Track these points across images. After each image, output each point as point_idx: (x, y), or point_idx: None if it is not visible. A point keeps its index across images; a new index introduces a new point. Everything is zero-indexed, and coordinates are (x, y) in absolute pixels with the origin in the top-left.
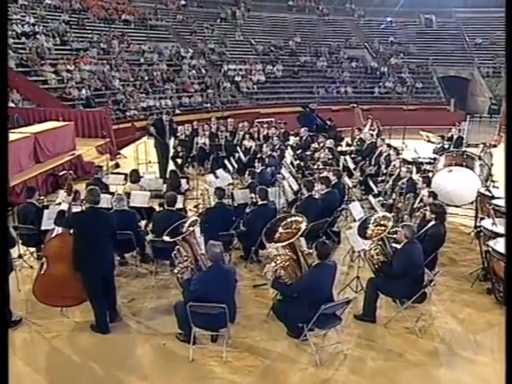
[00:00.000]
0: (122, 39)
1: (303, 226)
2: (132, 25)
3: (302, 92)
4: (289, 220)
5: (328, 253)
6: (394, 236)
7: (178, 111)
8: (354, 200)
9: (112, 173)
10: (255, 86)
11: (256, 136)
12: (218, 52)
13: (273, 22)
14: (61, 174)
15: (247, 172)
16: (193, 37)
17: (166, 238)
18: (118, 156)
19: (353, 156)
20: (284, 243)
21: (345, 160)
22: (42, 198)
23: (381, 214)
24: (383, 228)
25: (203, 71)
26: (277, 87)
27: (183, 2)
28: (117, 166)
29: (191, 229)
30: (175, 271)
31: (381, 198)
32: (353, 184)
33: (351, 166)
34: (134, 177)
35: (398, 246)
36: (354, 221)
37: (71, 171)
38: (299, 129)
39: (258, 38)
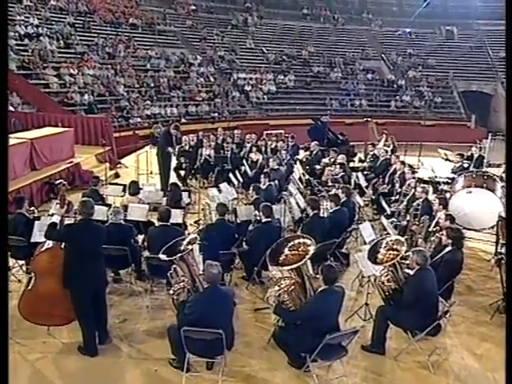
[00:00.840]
0: (128, 44)
1: (311, 249)
2: (139, 29)
3: (314, 104)
4: (296, 242)
5: (335, 277)
6: (407, 262)
7: (183, 120)
8: (364, 220)
9: (110, 183)
10: (265, 97)
11: (263, 149)
12: (228, 60)
13: (286, 30)
14: (57, 182)
15: (251, 187)
16: (202, 43)
17: (162, 257)
18: (118, 165)
19: (365, 173)
20: (290, 267)
21: (356, 177)
22: (32, 208)
23: (393, 238)
24: (395, 253)
25: (211, 79)
26: (288, 98)
27: (193, 7)
28: (116, 175)
29: (189, 247)
30: (171, 292)
31: (394, 220)
32: (364, 203)
33: (363, 183)
34: (133, 189)
35: (411, 273)
36: (365, 243)
37: (66, 181)
38: (309, 142)
39: (270, 46)
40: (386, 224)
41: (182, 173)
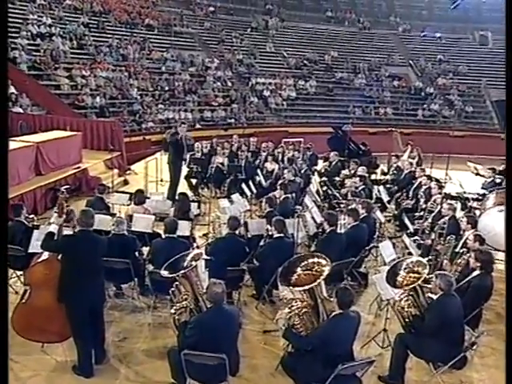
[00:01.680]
0: (143, 45)
1: (326, 269)
2: (155, 30)
3: (336, 111)
4: (310, 261)
5: (350, 301)
6: (430, 286)
7: (198, 125)
8: (385, 238)
9: (116, 191)
10: (285, 103)
11: (280, 158)
12: (247, 64)
13: (308, 33)
14: (62, 188)
15: (264, 199)
16: (220, 46)
17: (164, 273)
18: (127, 172)
19: (388, 186)
20: (302, 288)
21: (378, 191)
22: (31, 216)
23: (414, 259)
24: (416, 276)
25: (229, 84)
26: (308, 105)
27: (212, 9)
28: (125, 183)
29: (193, 264)
30: (172, 311)
31: (417, 238)
32: (386, 219)
33: (385, 198)
34: (139, 198)
35: (435, 297)
36: (384, 263)
37: (72, 187)
38: (329, 152)
39: (291, 50)
40: (408, 243)
41: (194, 181)
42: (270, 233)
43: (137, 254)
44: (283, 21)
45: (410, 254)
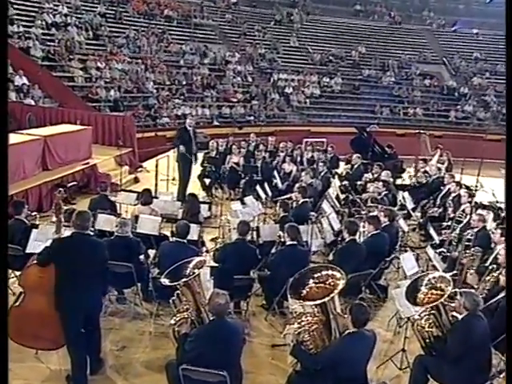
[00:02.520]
0: (161, 37)
1: (341, 283)
2: (174, 22)
3: (362, 111)
4: (324, 273)
5: (366, 319)
6: (454, 304)
7: (216, 122)
8: (407, 248)
9: (123, 190)
10: (308, 100)
11: (299, 159)
12: (269, 58)
13: (335, 27)
14: (69, 185)
15: (278, 203)
16: (241, 39)
17: (165, 281)
18: (139, 169)
19: (413, 193)
20: (313, 302)
21: (403, 197)
22: (33, 213)
23: (437, 274)
24: (439, 293)
25: (249, 79)
26: (333, 103)
27: (234, 0)
28: (136, 180)
29: (196, 272)
30: (172, 322)
31: (443, 250)
32: (411, 227)
33: (409, 205)
34: (145, 198)
35: (459, 317)
36: (405, 277)
37: (80, 184)
38: (352, 155)
39: (316, 45)
40: (431, 255)
41: (207, 181)
42: (283, 239)
43: (142, 257)
44: (308, 14)
45: (434, 267)
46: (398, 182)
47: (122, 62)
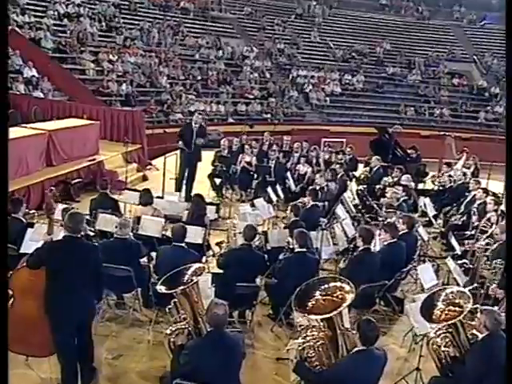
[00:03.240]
0: (176, 30)
1: (350, 297)
2: (191, 14)
3: (385, 110)
4: (331, 285)
5: (375, 337)
6: (474, 323)
7: (231, 119)
8: (426, 259)
9: (127, 189)
10: (328, 99)
11: (315, 160)
12: (288, 54)
13: (358, 22)
14: (73, 182)
15: (289, 207)
16: (260, 34)
17: (161, 288)
18: (148, 167)
19: (436, 199)
20: (320, 317)
21: (424, 203)
22: (32, 211)
23: (455, 289)
24: (458, 310)
25: (267, 75)
26: (354, 102)
27: None
28: (144, 179)
29: (194, 279)
30: (167, 332)
31: (465, 261)
32: (432, 235)
33: (431, 212)
34: (145, 198)
35: (479, 336)
36: (423, 290)
37: (85, 181)
38: (371, 157)
39: (338, 40)
40: (452, 267)
41: (218, 181)
42: (292, 246)
43: (145, 260)
44: (331, 8)
45: (455, 280)
46: (421, 186)
47: (135, 55)
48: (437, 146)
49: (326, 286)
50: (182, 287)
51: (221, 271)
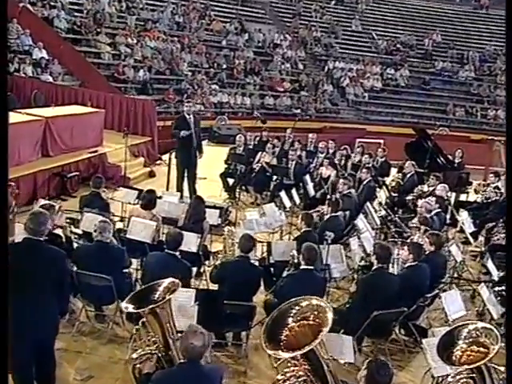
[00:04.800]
0: (203, 13)
1: (329, 316)
2: None
3: (430, 110)
4: (304, 304)
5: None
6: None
7: (256, 113)
8: (458, 284)
9: (123, 186)
10: (366, 95)
11: (343, 163)
12: (325, 44)
13: (406, 11)
14: (70, 175)
15: (300, 216)
16: (295, 20)
17: (127, 307)
18: (157, 162)
19: (478, 213)
20: (293, 354)
21: (463, 221)
22: (11, 207)
23: (480, 325)
24: (482, 351)
25: (300, 66)
26: (396, 99)
27: None
28: (151, 175)
29: (167, 297)
30: (133, 356)
31: (504, 289)
32: (471, 255)
33: (469, 228)
34: (146, 200)
35: None
36: (446, 322)
37: (84, 174)
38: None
39: (382, 30)
40: (485, 296)
41: (231, 182)
42: (296, 261)
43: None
44: None
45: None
46: (463, 198)
47: (156, 39)
48: (486, 151)
49: (298, 308)
50: (150, 306)
51: (206, 287)
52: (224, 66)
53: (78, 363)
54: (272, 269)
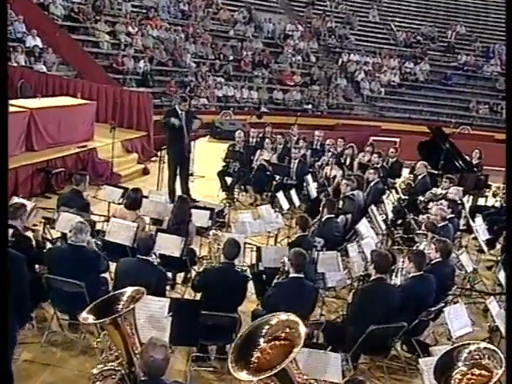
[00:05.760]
0: (209, 1)
1: (302, 330)
2: None
3: (452, 106)
4: (274, 322)
5: None
6: None
7: (264, 108)
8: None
9: (108, 184)
10: (383, 90)
11: (349, 162)
12: (339, 35)
13: (428, 0)
14: (55, 171)
15: (296, 219)
16: (308, 10)
17: (87, 318)
18: (153, 158)
19: (496, 218)
20: (263, 376)
21: (476, 228)
22: None
23: (482, 346)
24: (484, 374)
25: (312, 59)
26: (415, 95)
27: None
28: (145, 172)
29: (131, 306)
30: (93, 371)
31: None
32: (486, 265)
33: (483, 235)
34: (131, 200)
35: None
36: (449, 339)
37: (72, 171)
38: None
39: (402, 21)
40: (494, 312)
41: (229, 181)
42: (286, 268)
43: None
44: None
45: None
46: (481, 201)
47: (159, 28)
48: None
49: (268, 326)
50: (110, 317)
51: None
52: (231, 58)
53: (44, 376)
54: (264, 276)
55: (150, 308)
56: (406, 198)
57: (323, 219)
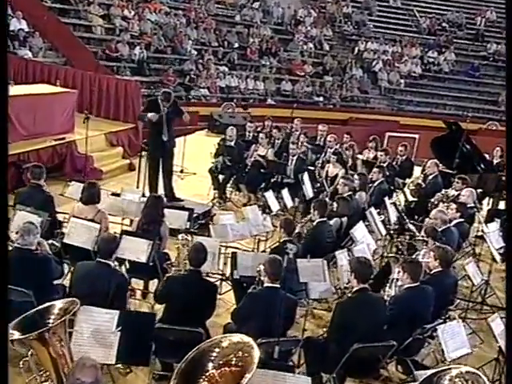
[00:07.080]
0: None
1: (255, 355)
2: None
3: (479, 100)
4: (224, 345)
5: None
6: None
7: (270, 101)
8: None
9: (74, 180)
10: (403, 81)
11: (351, 160)
12: (356, 21)
13: None
14: (26, 165)
15: (279, 222)
16: None
17: (13, 334)
18: (140, 153)
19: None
20: None
21: (485, 232)
22: None
23: (464, 370)
24: None
25: (326, 47)
26: (438, 87)
27: None
28: (130, 168)
29: (61, 319)
30: None
31: None
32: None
33: (496, 243)
34: (88, 194)
35: None
36: (443, 361)
37: (48, 165)
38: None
39: (426, 6)
40: (497, 331)
41: (221, 178)
42: (262, 278)
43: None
44: None
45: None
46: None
47: (158, 11)
48: None
49: (218, 350)
50: (36, 332)
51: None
52: (236, 45)
53: None
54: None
55: (95, 321)
56: (415, 199)
57: (315, 223)
